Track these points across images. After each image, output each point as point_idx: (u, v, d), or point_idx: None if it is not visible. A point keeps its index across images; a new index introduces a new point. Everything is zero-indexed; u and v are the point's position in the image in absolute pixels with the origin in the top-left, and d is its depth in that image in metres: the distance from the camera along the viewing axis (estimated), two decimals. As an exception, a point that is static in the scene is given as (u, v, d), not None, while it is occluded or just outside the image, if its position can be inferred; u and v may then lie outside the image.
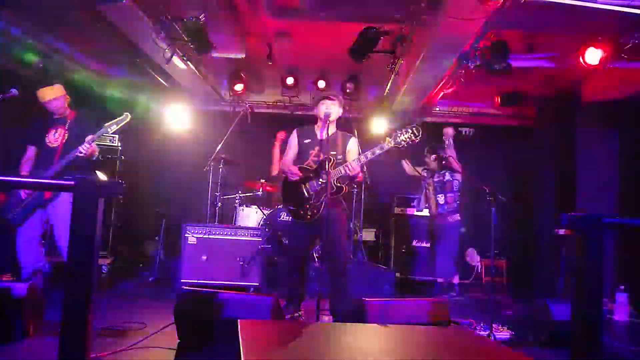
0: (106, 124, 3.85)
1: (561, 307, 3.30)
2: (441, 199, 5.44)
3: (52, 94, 3.95)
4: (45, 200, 3.80)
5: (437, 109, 7.12)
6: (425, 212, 5.93)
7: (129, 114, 3.90)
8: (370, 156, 3.55)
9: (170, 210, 6.84)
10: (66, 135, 3.88)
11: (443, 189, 5.44)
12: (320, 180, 3.59)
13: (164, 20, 4.38)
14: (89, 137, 3.75)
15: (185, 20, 4.30)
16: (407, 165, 5.98)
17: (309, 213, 3.60)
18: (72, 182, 1.34)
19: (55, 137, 3.90)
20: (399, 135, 3.54)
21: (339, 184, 3.59)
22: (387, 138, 3.56)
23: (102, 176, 5.64)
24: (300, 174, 3.63)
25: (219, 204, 6.00)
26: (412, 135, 3.53)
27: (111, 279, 5.59)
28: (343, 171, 3.54)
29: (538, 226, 6.62)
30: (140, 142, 6.97)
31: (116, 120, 3.86)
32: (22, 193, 3.79)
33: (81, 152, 3.73)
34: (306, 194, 3.62)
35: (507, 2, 3.54)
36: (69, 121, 3.94)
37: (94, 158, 3.93)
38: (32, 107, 4.06)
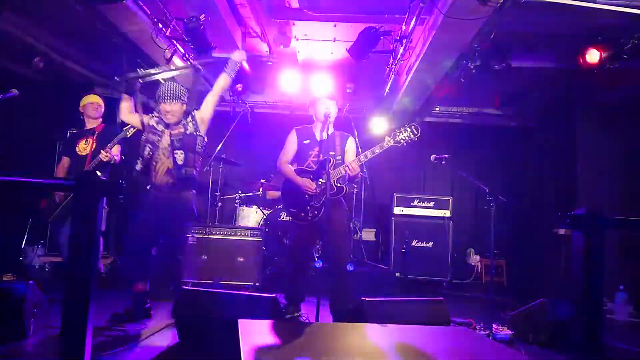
0: (124, 128, 4.11)
1: (561, 307, 3.30)
2: (180, 156, 3.57)
3: (100, 102, 4.41)
4: None
5: (437, 109, 7.12)
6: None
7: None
8: (370, 155, 3.55)
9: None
10: (94, 144, 4.18)
11: (183, 144, 3.59)
12: (321, 180, 3.59)
13: (164, 20, 4.38)
14: (110, 144, 4.06)
15: (185, 20, 4.30)
16: (125, 103, 3.82)
17: (310, 214, 3.61)
18: (73, 182, 1.34)
19: (84, 147, 4.21)
20: (399, 133, 3.55)
21: (339, 185, 3.60)
22: (387, 137, 3.57)
23: (102, 176, 5.64)
24: (316, 189, 3.62)
25: (219, 204, 6.00)
26: (411, 133, 3.54)
27: (111, 279, 5.58)
28: (343, 172, 3.54)
29: (538, 226, 6.62)
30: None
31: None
32: (57, 197, 4.06)
33: (102, 158, 4.03)
34: (307, 195, 3.62)
35: (507, 2, 3.54)
36: (97, 132, 4.25)
37: (116, 162, 4.20)
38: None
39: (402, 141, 3.55)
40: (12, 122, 5.02)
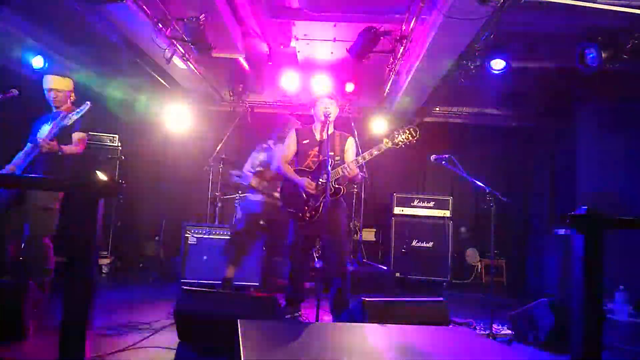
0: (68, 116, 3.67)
1: (561, 307, 3.31)
2: None
3: (62, 85, 3.86)
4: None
5: (437, 109, 7.12)
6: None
7: (89, 103, 3.72)
8: (367, 157, 3.55)
9: (170, 210, 6.85)
10: (53, 130, 3.68)
11: None
12: (321, 180, 3.59)
13: (164, 20, 4.38)
14: (50, 130, 3.60)
15: (185, 20, 4.30)
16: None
17: (308, 215, 3.60)
18: (72, 182, 1.34)
19: (44, 132, 3.74)
20: (397, 136, 3.53)
21: (336, 186, 3.59)
22: (385, 139, 3.56)
23: (102, 176, 5.64)
24: (315, 189, 3.61)
25: (219, 204, 5.99)
26: (409, 136, 3.53)
27: (111, 279, 5.59)
28: (341, 173, 3.54)
29: (538, 226, 6.62)
30: (140, 142, 6.97)
31: (76, 110, 3.69)
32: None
33: (41, 148, 3.56)
34: (305, 195, 3.62)
35: (507, 2, 3.54)
36: (60, 116, 3.73)
37: (60, 153, 3.68)
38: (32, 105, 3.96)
39: (400, 143, 3.53)
40: (13, 122, 5.01)
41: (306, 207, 3.61)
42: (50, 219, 3.71)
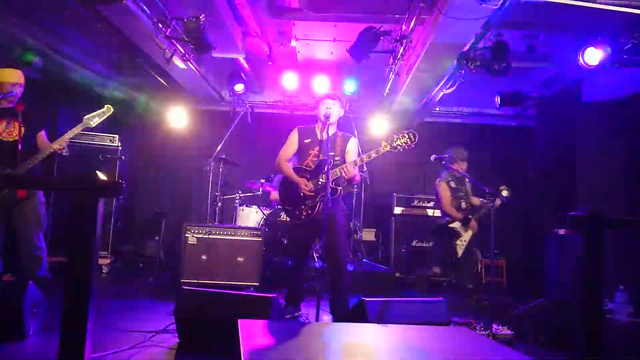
0: (86, 117, 3.62)
1: (561, 307, 3.31)
2: None
3: (17, 78, 3.66)
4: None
5: (437, 109, 7.12)
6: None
7: (111, 107, 3.73)
8: (365, 159, 3.56)
9: (170, 210, 6.85)
10: (22, 128, 3.57)
11: None
12: (320, 180, 3.59)
13: (164, 20, 4.38)
14: (70, 132, 3.55)
15: (185, 20, 4.30)
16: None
17: (304, 213, 3.61)
18: (72, 182, 1.34)
19: (8, 131, 3.60)
20: (396, 139, 3.54)
21: (333, 186, 3.59)
22: (384, 142, 3.56)
23: (102, 176, 5.63)
24: (311, 190, 3.61)
25: (219, 204, 6.00)
26: (408, 140, 3.53)
27: (111, 279, 5.59)
28: (339, 173, 3.54)
29: (538, 226, 6.61)
30: (140, 142, 6.97)
31: (98, 112, 3.66)
32: None
33: (58, 149, 3.55)
34: (302, 194, 3.62)
35: (507, 2, 3.54)
36: (20, 113, 3.61)
37: (63, 154, 3.73)
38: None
39: (398, 147, 3.54)
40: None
41: (302, 206, 3.62)
42: (41, 214, 3.73)
